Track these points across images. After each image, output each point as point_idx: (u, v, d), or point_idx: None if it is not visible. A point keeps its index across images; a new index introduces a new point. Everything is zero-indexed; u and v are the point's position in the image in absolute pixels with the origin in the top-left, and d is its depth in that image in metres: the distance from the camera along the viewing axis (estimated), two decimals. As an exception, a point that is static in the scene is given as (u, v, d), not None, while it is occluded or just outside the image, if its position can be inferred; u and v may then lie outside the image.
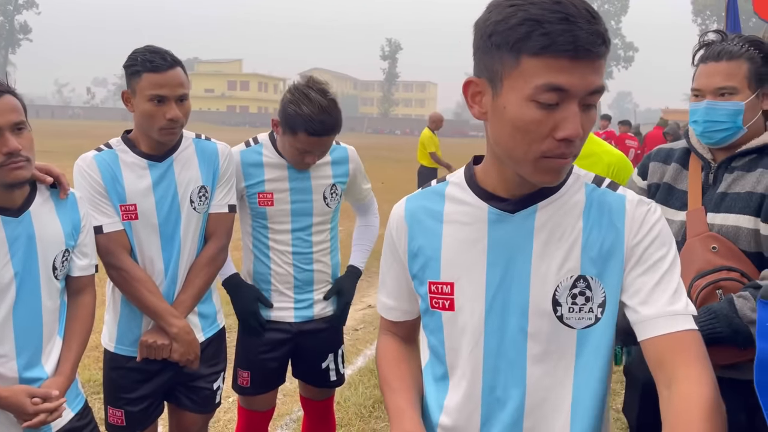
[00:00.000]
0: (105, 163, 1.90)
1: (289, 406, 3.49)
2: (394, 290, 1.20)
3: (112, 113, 58.99)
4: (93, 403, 3.13)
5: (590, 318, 1.01)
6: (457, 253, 1.06)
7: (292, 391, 3.63)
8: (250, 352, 2.26)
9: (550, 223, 1.01)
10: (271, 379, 2.31)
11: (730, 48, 1.63)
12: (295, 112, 1.98)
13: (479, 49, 0.94)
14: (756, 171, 1.61)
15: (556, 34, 0.85)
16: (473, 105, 0.97)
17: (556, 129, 0.89)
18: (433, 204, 1.11)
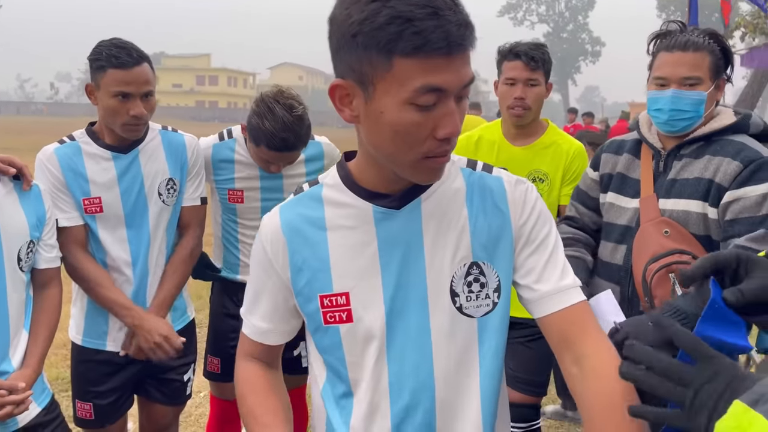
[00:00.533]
0: (66, 157, 1.88)
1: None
2: (269, 311, 1.08)
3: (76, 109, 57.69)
4: (61, 401, 3.10)
5: (488, 304, 1.00)
6: (347, 261, 0.99)
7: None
8: (221, 339, 2.29)
9: (436, 213, 0.99)
10: None
11: (696, 39, 1.67)
12: (258, 126, 1.96)
13: (341, 48, 0.86)
14: (703, 158, 1.69)
15: (428, 31, 0.79)
16: (342, 108, 0.91)
17: (436, 129, 0.85)
18: (311, 211, 1.02)
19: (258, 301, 1.09)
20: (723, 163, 1.65)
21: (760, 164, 1.61)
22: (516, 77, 2.19)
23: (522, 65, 2.18)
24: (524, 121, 2.24)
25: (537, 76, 2.19)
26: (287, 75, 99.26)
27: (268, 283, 1.06)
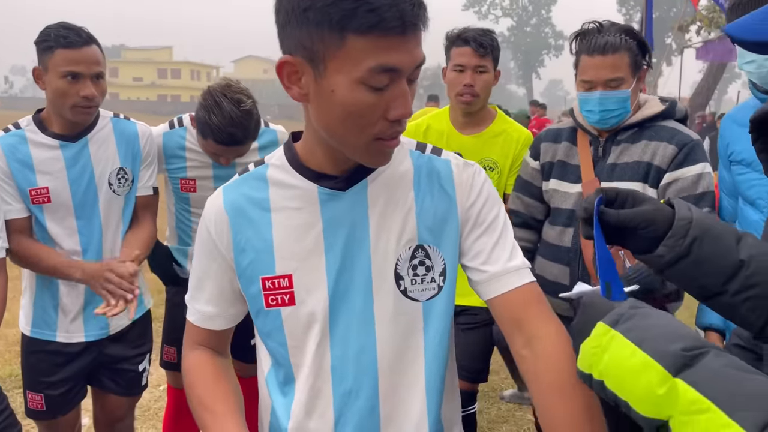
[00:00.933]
0: (10, 147, 1.83)
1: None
2: (215, 295, 1.05)
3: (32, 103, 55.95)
4: (15, 398, 3.04)
5: (433, 288, 0.98)
6: (291, 242, 0.97)
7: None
8: (178, 329, 2.26)
9: (382, 195, 0.97)
10: None
11: (613, 41, 1.75)
12: (205, 120, 1.93)
13: (289, 23, 0.83)
14: (641, 142, 1.80)
15: (383, 9, 0.77)
16: (290, 86, 0.87)
17: (388, 110, 0.84)
18: (255, 191, 1.00)
19: (203, 286, 1.06)
20: (660, 147, 1.76)
21: (692, 147, 1.74)
22: (465, 64, 2.17)
23: (471, 51, 2.16)
24: (473, 108, 2.23)
25: (486, 62, 2.18)
26: (252, 68, 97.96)
27: (213, 266, 1.03)
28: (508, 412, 3.33)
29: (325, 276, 0.97)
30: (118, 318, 2.02)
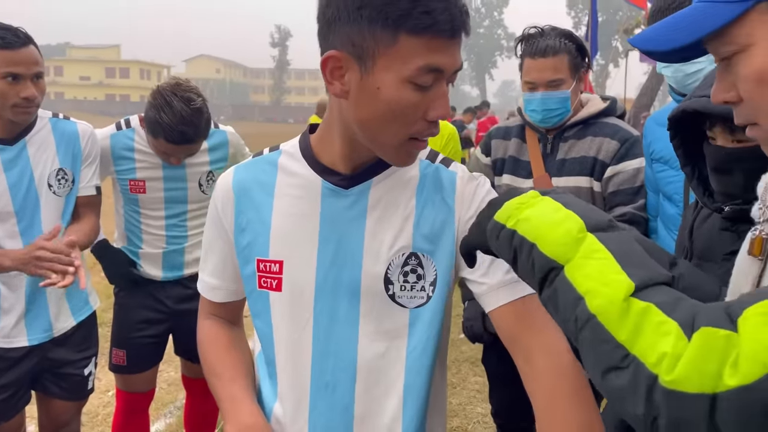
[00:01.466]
0: None
1: (173, 395, 3.44)
2: (219, 268, 1.09)
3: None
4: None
5: (422, 297, 0.98)
6: (287, 229, 0.99)
7: (177, 379, 3.58)
8: (126, 331, 2.24)
9: (384, 199, 0.99)
10: (148, 356, 2.29)
11: (553, 44, 1.86)
12: (155, 119, 1.92)
13: (341, 19, 0.84)
14: (586, 138, 1.91)
15: (437, 12, 0.81)
16: (333, 81, 0.89)
17: (428, 110, 0.87)
18: (264, 175, 1.03)
19: (208, 258, 1.11)
20: (604, 143, 1.89)
21: (633, 142, 1.88)
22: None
23: None
24: None
25: None
26: (204, 67, 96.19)
27: (219, 241, 1.08)
28: (458, 406, 3.40)
29: (314, 269, 0.98)
30: (62, 321, 1.98)
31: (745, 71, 0.69)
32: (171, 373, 3.65)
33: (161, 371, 3.30)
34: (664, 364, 0.58)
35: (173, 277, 2.27)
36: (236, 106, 72.14)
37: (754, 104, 0.70)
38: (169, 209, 2.20)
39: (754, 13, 0.67)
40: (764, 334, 0.54)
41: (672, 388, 0.57)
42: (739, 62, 0.70)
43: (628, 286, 0.63)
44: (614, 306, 0.62)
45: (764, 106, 0.69)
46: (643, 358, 0.59)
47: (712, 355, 0.56)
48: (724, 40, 0.70)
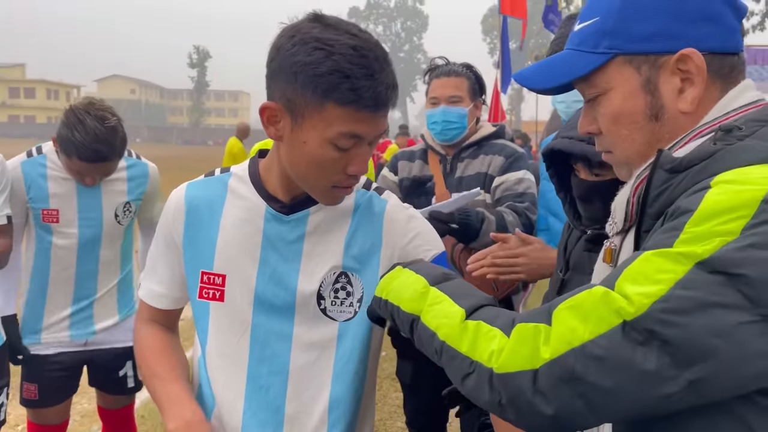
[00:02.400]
0: None
1: (87, 426, 3.34)
2: (167, 277, 1.17)
3: None
4: None
5: (350, 311, 1.09)
6: (231, 247, 1.09)
7: (90, 411, 3.47)
8: (36, 365, 2.18)
9: (321, 225, 1.09)
10: (61, 389, 2.24)
11: (456, 69, 2.19)
12: (68, 137, 1.92)
13: (279, 76, 0.96)
14: (479, 158, 2.17)
15: (362, 90, 0.92)
16: (269, 126, 1.01)
17: (348, 165, 0.99)
18: (214, 194, 1.13)
19: (156, 267, 1.18)
20: (493, 159, 2.15)
21: (517, 157, 2.15)
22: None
23: None
24: None
25: None
26: (117, 88, 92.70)
27: (168, 251, 1.15)
28: (379, 422, 3.49)
29: (254, 284, 1.09)
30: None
31: (604, 111, 0.86)
32: (84, 404, 3.53)
33: (75, 403, 3.19)
34: (493, 358, 0.75)
35: (84, 336, 2.21)
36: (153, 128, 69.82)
37: (611, 138, 0.87)
38: (83, 237, 2.14)
39: (614, 64, 0.83)
40: (569, 320, 0.71)
41: (501, 372, 0.74)
42: (600, 103, 0.86)
43: (461, 313, 0.83)
44: (455, 330, 0.82)
45: (617, 139, 0.86)
46: (480, 359, 0.77)
47: (525, 341, 0.73)
48: (589, 84, 0.86)
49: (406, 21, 73.63)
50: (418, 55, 74.56)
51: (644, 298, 0.66)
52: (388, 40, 72.25)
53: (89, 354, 2.24)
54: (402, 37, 73.70)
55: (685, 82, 0.81)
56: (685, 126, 0.82)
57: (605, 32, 0.83)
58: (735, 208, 0.66)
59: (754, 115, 0.77)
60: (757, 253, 0.64)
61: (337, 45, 0.92)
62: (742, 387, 0.67)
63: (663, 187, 0.77)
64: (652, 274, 0.67)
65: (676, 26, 0.80)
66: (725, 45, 0.81)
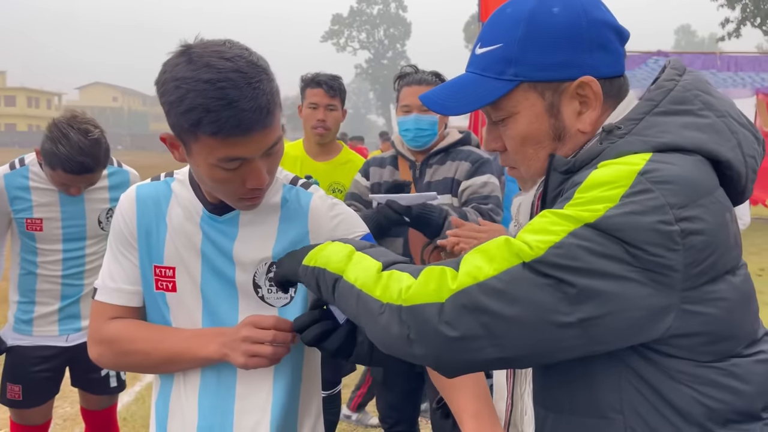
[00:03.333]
0: None
1: (69, 429, 3.38)
2: (133, 275, 1.21)
3: None
4: None
5: (286, 298, 1.20)
6: (177, 242, 1.19)
7: (72, 414, 3.51)
8: (20, 366, 2.24)
9: (251, 222, 1.19)
10: (44, 390, 2.30)
11: (426, 77, 2.28)
12: (53, 151, 1.99)
13: (164, 110, 1.03)
14: (446, 163, 2.29)
15: (223, 120, 0.96)
16: (174, 151, 1.10)
17: (245, 181, 1.05)
18: (160, 194, 1.22)
19: (119, 268, 1.21)
20: (461, 165, 2.25)
21: (482, 163, 2.25)
22: (318, 102, 2.64)
23: (322, 92, 2.64)
24: (325, 140, 2.69)
25: (335, 101, 2.66)
26: (99, 95, 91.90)
27: (126, 251, 1.21)
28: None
29: (199, 276, 1.19)
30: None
31: (512, 133, 0.93)
32: (66, 408, 3.57)
33: (57, 407, 3.24)
34: (402, 293, 0.82)
35: (70, 331, 2.29)
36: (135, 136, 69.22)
37: (516, 156, 0.96)
38: (67, 244, 2.22)
39: (519, 90, 0.89)
40: (474, 260, 0.80)
41: (409, 304, 0.81)
42: (507, 125, 0.94)
43: (378, 266, 0.90)
44: (370, 279, 0.88)
45: (523, 158, 0.95)
46: (389, 300, 0.83)
47: (432, 279, 0.81)
48: (496, 107, 0.93)
49: (389, 28, 73.89)
50: (401, 62, 74.90)
51: (541, 243, 0.76)
52: (372, 47, 72.46)
53: (72, 353, 2.30)
54: (385, 44, 73.97)
55: (583, 105, 0.90)
56: (582, 142, 0.92)
57: (510, 60, 0.89)
58: (615, 180, 0.77)
59: (629, 115, 0.86)
60: (634, 218, 0.73)
61: (192, 82, 0.96)
62: (629, 337, 0.77)
63: (559, 188, 0.87)
64: (548, 226, 0.77)
65: (575, 56, 0.87)
66: (614, 70, 0.90)
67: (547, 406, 0.90)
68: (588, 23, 0.88)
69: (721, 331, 0.80)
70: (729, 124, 0.85)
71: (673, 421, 0.80)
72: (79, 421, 3.35)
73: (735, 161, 0.84)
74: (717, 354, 0.80)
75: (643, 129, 0.83)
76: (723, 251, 0.78)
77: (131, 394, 3.83)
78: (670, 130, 0.82)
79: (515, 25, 0.89)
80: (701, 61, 10.19)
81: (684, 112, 0.84)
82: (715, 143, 0.82)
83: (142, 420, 3.47)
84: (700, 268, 0.76)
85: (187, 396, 1.20)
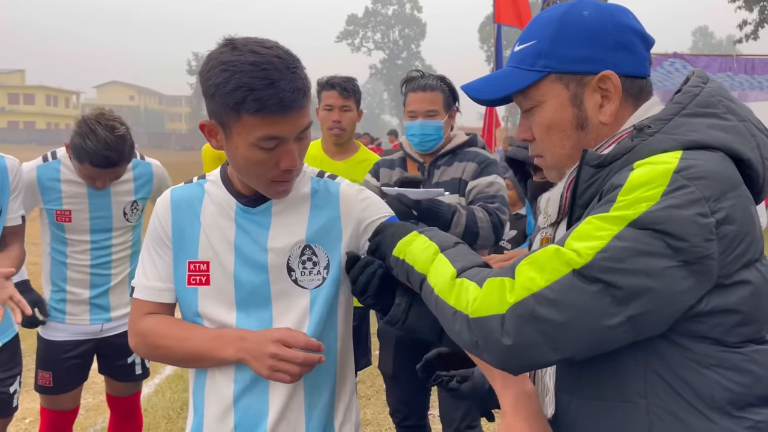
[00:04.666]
0: None
1: (92, 419, 3.49)
2: (165, 273, 1.29)
3: None
4: None
5: (319, 279, 1.26)
6: (211, 237, 1.26)
7: (95, 405, 3.62)
8: (51, 353, 2.35)
9: (284, 212, 1.27)
10: (74, 377, 2.41)
11: (432, 83, 2.36)
12: (81, 145, 2.11)
13: (207, 98, 1.14)
14: (454, 164, 2.37)
15: (265, 98, 1.07)
16: (211, 139, 1.20)
17: (279, 162, 1.15)
18: (193, 195, 1.31)
19: (153, 267, 1.30)
20: (467, 166, 2.34)
21: (488, 163, 2.34)
22: (333, 104, 2.76)
23: (336, 94, 2.75)
24: (341, 140, 2.83)
25: (349, 103, 2.77)
26: (116, 94, 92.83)
27: (160, 250, 1.30)
28: (372, 416, 3.64)
29: (232, 267, 1.25)
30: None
31: (539, 120, 1.03)
32: (89, 399, 3.68)
33: (81, 397, 3.35)
34: (469, 305, 0.90)
35: (101, 320, 2.40)
36: (152, 134, 69.88)
37: (543, 144, 1.04)
38: (95, 235, 2.33)
39: (547, 80, 1.00)
40: (528, 272, 0.86)
41: (474, 316, 0.89)
42: (535, 114, 1.03)
43: (453, 273, 0.97)
44: (446, 286, 0.97)
45: (549, 145, 1.03)
46: (461, 308, 0.92)
47: (494, 291, 0.88)
48: (526, 97, 1.03)
49: (404, 29, 73.96)
50: (416, 63, 74.94)
51: (589, 250, 0.82)
52: (386, 48, 72.62)
53: (101, 341, 2.41)
54: (400, 44, 74.06)
55: (604, 99, 0.98)
56: (605, 134, 1.00)
57: (541, 53, 0.99)
58: (654, 179, 0.83)
59: (659, 116, 0.94)
60: (675, 212, 0.81)
61: (238, 64, 1.08)
62: (670, 321, 0.85)
63: (590, 181, 0.94)
64: (594, 231, 0.84)
65: (599, 53, 0.97)
66: (636, 70, 0.99)
67: (570, 392, 0.97)
68: (614, 26, 0.97)
69: (752, 311, 0.87)
70: (749, 128, 0.94)
71: (696, 405, 0.87)
72: (101, 411, 3.46)
73: (755, 161, 0.92)
74: (745, 336, 0.87)
75: (672, 128, 0.91)
76: (750, 241, 0.86)
77: (151, 386, 3.94)
78: (697, 129, 0.91)
79: (548, 25, 1.00)
80: (718, 64, 10.14)
81: (709, 114, 0.93)
82: (738, 143, 0.91)
83: (163, 411, 3.57)
84: (733, 255, 0.84)
85: (222, 375, 1.26)
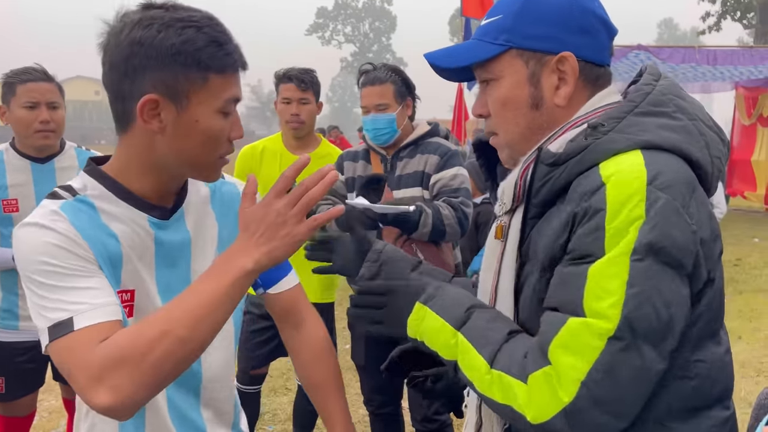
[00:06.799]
0: None
1: (55, 421, 3.41)
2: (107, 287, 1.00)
3: None
4: None
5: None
6: (133, 262, 1.06)
7: (58, 407, 3.53)
8: (4, 358, 2.27)
9: (194, 219, 1.15)
10: (28, 382, 2.33)
11: (380, 75, 2.34)
12: (9, 81, 2.18)
13: (148, 68, 0.97)
14: (416, 156, 2.36)
15: (233, 54, 1.02)
16: (150, 121, 0.99)
17: (230, 133, 1.05)
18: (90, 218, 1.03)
19: (93, 286, 0.98)
20: (429, 158, 2.32)
21: (451, 155, 2.33)
22: (290, 97, 2.66)
23: (294, 87, 2.66)
24: (301, 134, 2.71)
25: (308, 95, 2.67)
26: (80, 89, 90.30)
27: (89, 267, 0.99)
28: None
29: (156, 292, 1.09)
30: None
31: (495, 95, 1.02)
32: (52, 401, 3.59)
33: (42, 400, 3.26)
34: (525, 411, 0.87)
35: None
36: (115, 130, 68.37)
37: (497, 119, 1.03)
38: None
39: (507, 55, 0.99)
40: (565, 359, 0.84)
41: (537, 422, 0.86)
42: (492, 88, 1.02)
43: (486, 366, 0.92)
44: (484, 383, 0.92)
45: (503, 122, 1.03)
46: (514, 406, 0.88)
47: (542, 390, 0.85)
48: (484, 69, 1.02)
49: (375, 21, 73.70)
50: (387, 56, 74.73)
51: (612, 309, 0.83)
52: (357, 41, 72.27)
53: None
54: (370, 37, 73.77)
55: (561, 81, 0.98)
56: (559, 118, 0.99)
57: (504, 28, 0.99)
58: (631, 195, 0.84)
59: (612, 114, 0.94)
60: (665, 228, 0.83)
61: (199, 19, 1.00)
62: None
63: (545, 179, 0.93)
64: (606, 284, 0.83)
65: (561, 33, 0.97)
66: (596, 57, 0.99)
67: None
68: (579, 10, 0.97)
69: (718, 306, 0.92)
70: (699, 127, 0.95)
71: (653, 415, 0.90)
72: (64, 413, 3.37)
73: (703, 161, 0.93)
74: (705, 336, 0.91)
75: (625, 127, 0.91)
76: (715, 238, 0.90)
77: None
78: (648, 129, 0.91)
79: (515, 1, 1.00)
80: (681, 55, 10.32)
81: (660, 113, 0.93)
82: (686, 143, 0.91)
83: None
84: (707, 255, 0.88)
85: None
